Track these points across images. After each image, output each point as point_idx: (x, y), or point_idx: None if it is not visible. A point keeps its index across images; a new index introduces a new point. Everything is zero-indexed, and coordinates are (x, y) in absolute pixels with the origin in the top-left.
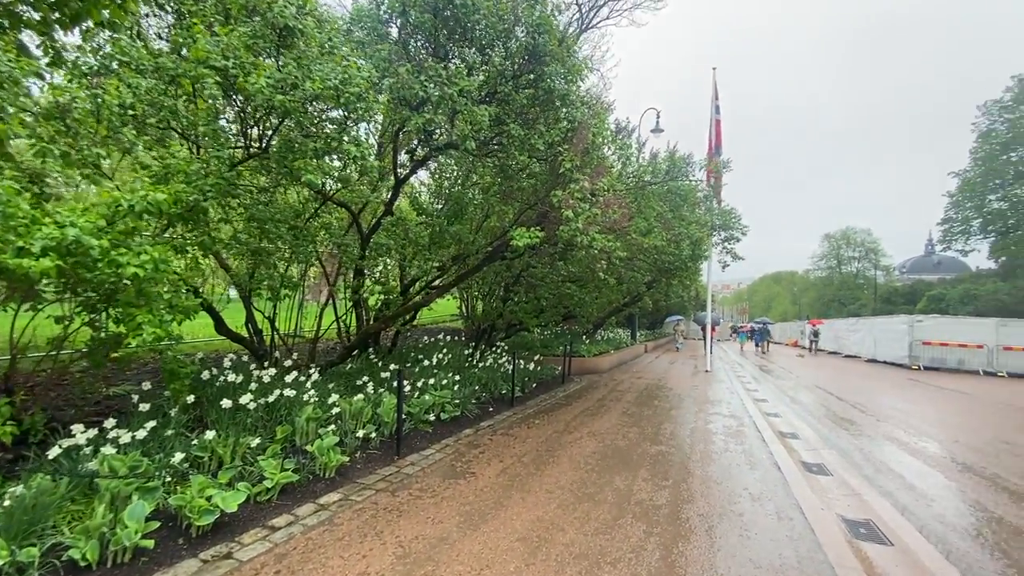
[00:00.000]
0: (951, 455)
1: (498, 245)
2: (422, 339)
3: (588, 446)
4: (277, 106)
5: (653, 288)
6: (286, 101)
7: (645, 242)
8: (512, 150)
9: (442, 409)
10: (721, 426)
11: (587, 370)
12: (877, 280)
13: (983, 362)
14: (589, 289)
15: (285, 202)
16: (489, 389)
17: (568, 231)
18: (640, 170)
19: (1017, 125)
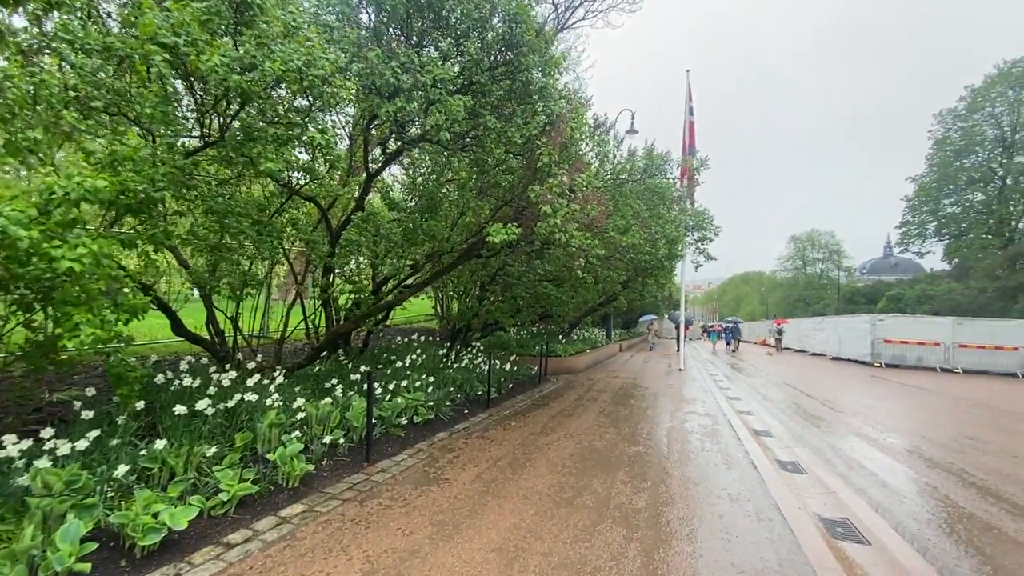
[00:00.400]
0: (918, 451)
1: (474, 242)
2: (395, 339)
3: (565, 448)
4: (233, 87)
5: (629, 288)
6: (243, 82)
7: (623, 240)
8: (488, 143)
9: (415, 412)
10: (697, 425)
11: (563, 370)
12: (840, 281)
13: (940, 359)
14: (566, 288)
15: (249, 196)
16: (464, 390)
17: (546, 227)
18: (618, 167)
19: (969, 133)
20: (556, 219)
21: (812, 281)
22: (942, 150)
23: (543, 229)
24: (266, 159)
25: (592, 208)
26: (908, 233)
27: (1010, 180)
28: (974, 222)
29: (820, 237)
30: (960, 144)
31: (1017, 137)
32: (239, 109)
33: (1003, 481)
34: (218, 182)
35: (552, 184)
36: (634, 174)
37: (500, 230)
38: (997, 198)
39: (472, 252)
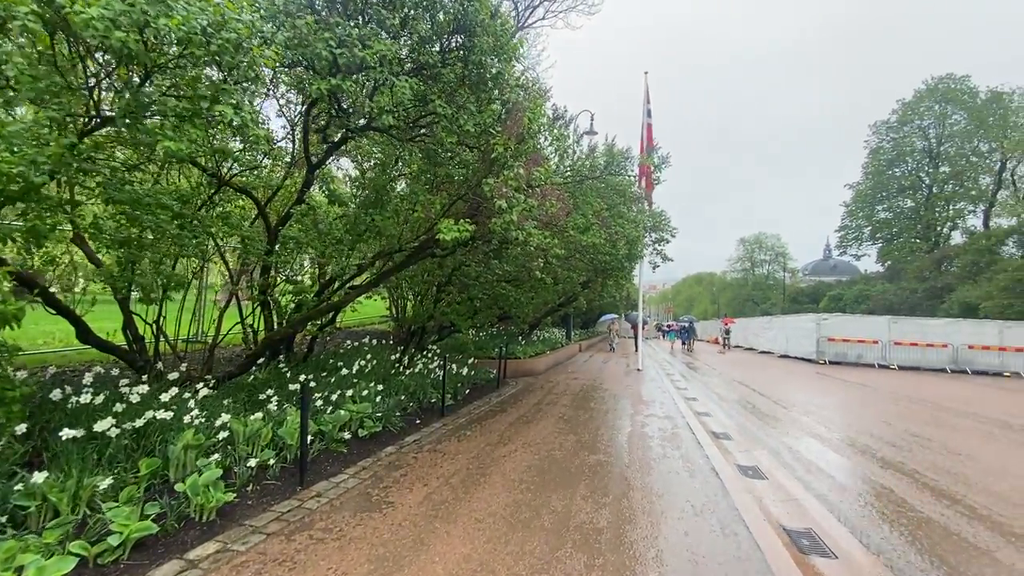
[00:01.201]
0: (870, 451)
1: (425, 240)
2: (345, 343)
3: (523, 459)
4: (116, 48)
5: (588, 288)
6: (128, 42)
7: (583, 240)
8: (439, 132)
9: (360, 424)
10: (657, 429)
11: (523, 372)
12: (785, 281)
13: (878, 356)
14: (525, 289)
15: (175, 186)
16: (417, 398)
17: (501, 224)
18: (578, 163)
19: (900, 144)
20: (512, 215)
21: (760, 282)
22: (876, 159)
23: (498, 226)
24: (164, 137)
25: (551, 205)
26: (846, 237)
27: (936, 188)
28: (904, 227)
29: (767, 240)
30: (892, 154)
31: (942, 148)
32: (141, 83)
33: (952, 481)
34: (127, 168)
35: (508, 177)
36: (595, 171)
37: (452, 227)
38: (924, 205)
39: (424, 251)
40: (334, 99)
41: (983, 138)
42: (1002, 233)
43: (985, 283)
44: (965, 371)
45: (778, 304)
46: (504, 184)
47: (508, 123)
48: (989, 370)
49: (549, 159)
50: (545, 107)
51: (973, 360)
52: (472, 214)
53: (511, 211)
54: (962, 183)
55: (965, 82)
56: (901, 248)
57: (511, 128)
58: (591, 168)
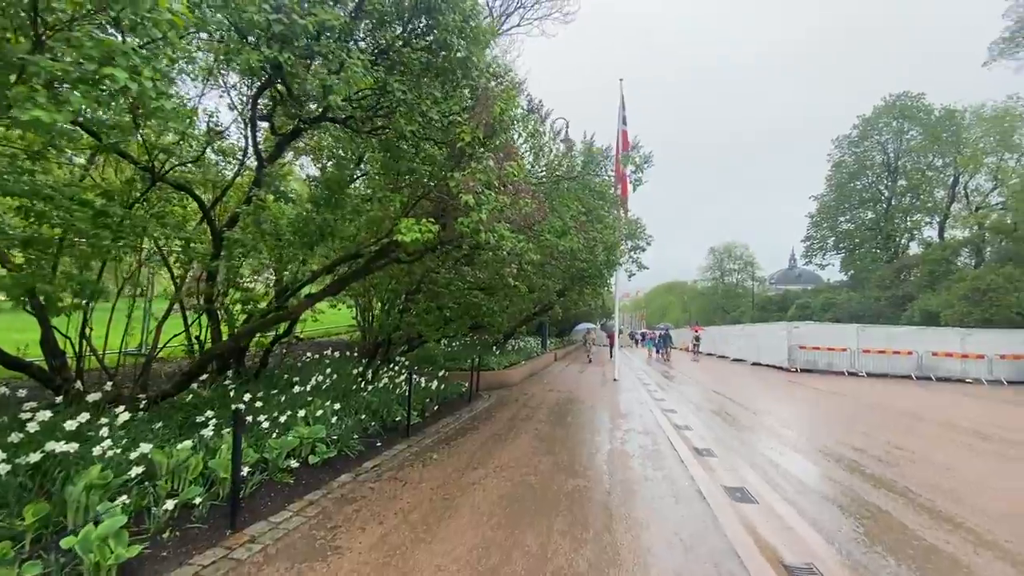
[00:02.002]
0: (859, 468)
1: (387, 243)
2: (306, 356)
3: (494, 487)
4: None
5: (565, 297)
6: None
7: (560, 245)
8: (398, 120)
9: (312, 450)
10: (637, 446)
11: (497, 384)
12: (754, 290)
13: (847, 364)
14: (499, 298)
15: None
16: (380, 417)
17: (469, 224)
18: (554, 162)
19: (861, 158)
20: (481, 214)
21: (729, 290)
22: (839, 172)
23: (465, 226)
24: (35, 106)
25: (525, 204)
26: (812, 246)
27: (894, 201)
28: (866, 237)
29: (736, 249)
30: (853, 167)
31: (900, 163)
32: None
33: (948, 501)
34: (29, 156)
35: (475, 170)
36: (572, 170)
37: (412, 227)
38: (884, 216)
39: (385, 255)
40: (284, 86)
41: (937, 153)
42: (957, 244)
43: (944, 292)
44: (930, 377)
45: (747, 312)
46: (471, 178)
47: (477, 111)
48: (952, 376)
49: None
50: (519, 100)
51: (937, 367)
52: (439, 215)
53: (480, 209)
54: (919, 196)
55: (920, 100)
56: (863, 258)
57: (480, 116)
58: (569, 168)
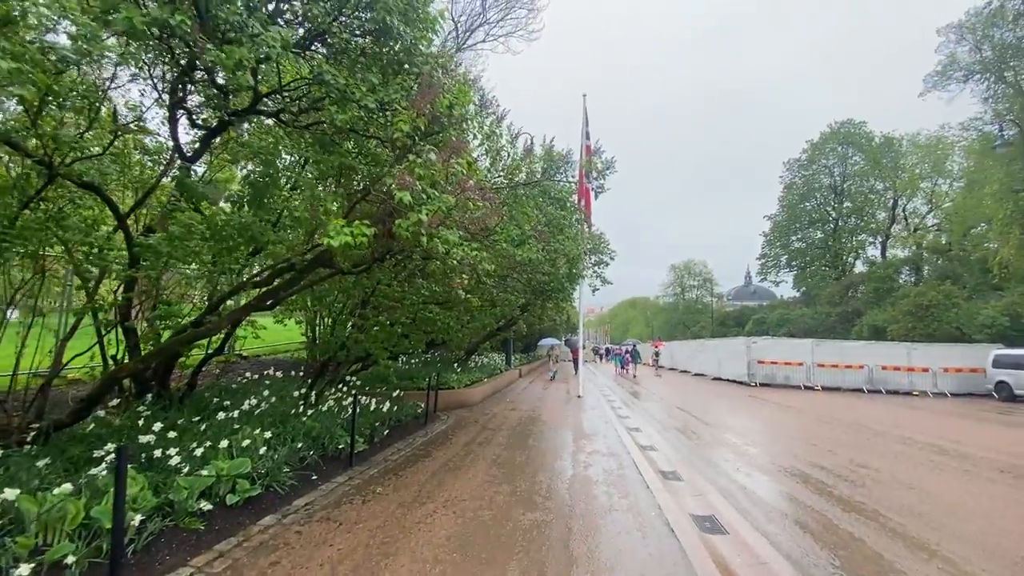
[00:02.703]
0: (827, 489)
1: (324, 251)
2: (245, 376)
3: (443, 526)
4: None
5: (528, 312)
6: None
7: (518, 254)
8: (329, 107)
9: (232, 488)
10: (601, 470)
11: (457, 403)
12: (713, 306)
13: (803, 378)
14: (457, 312)
15: None
16: (321, 444)
17: (407, 227)
18: (511, 165)
19: (810, 181)
20: (421, 215)
21: (690, 306)
22: (790, 194)
23: (404, 229)
24: None
25: (476, 207)
26: (766, 264)
27: (841, 222)
28: (815, 256)
29: (696, 266)
30: (803, 189)
31: (845, 185)
32: None
33: (920, 525)
34: None
35: (413, 163)
36: (532, 175)
37: (342, 230)
38: (832, 236)
39: (322, 264)
40: (205, 72)
41: (878, 177)
42: (898, 262)
43: (889, 307)
44: (880, 391)
45: (707, 328)
46: (408, 172)
47: (418, 98)
48: (900, 389)
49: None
50: (472, 95)
51: (886, 380)
52: (383, 219)
53: (419, 209)
54: (863, 217)
55: (862, 127)
56: (814, 275)
57: (421, 104)
58: (529, 172)
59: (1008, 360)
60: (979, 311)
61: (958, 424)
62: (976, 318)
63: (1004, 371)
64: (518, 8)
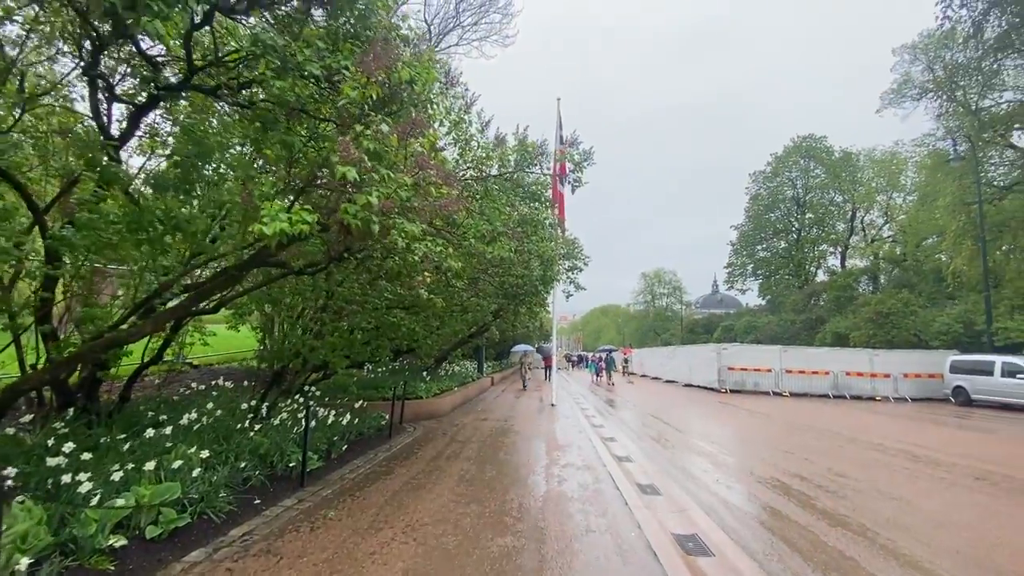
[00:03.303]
0: (810, 501)
1: (266, 246)
2: (191, 387)
3: (400, 558)
4: None
5: (501, 318)
6: None
7: (488, 252)
8: (264, 70)
9: (155, 519)
10: (576, 485)
11: (425, 414)
12: (682, 314)
13: (772, 384)
14: (424, 318)
15: None
16: (270, 463)
17: (354, 213)
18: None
19: (774, 192)
20: (371, 197)
21: (660, 313)
22: (756, 205)
23: (351, 215)
24: None
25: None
26: (733, 273)
27: (803, 232)
28: (780, 265)
29: (665, 275)
30: (768, 201)
31: (807, 197)
32: None
33: (908, 539)
34: None
35: (361, 134)
36: (505, 165)
37: (278, 215)
38: (795, 246)
39: (263, 261)
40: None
41: (837, 190)
42: (858, 272)
43: (851, 315)
44: (844, 396)
45: (677, 335)
46: (355, 144)
47: (372, 64)
48: (863, 394)
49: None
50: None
51: (851, 386)
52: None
53: (369, 191)
54: (823, 228)
55: (823, 141)
56: (778, 284)
57: (371, 67)
58: (502, 162)
59: (964, 366)
60: (935, 318)
61: (923, 429)
62: (932, 325)
63: (961, 376)
64: (492, 12)
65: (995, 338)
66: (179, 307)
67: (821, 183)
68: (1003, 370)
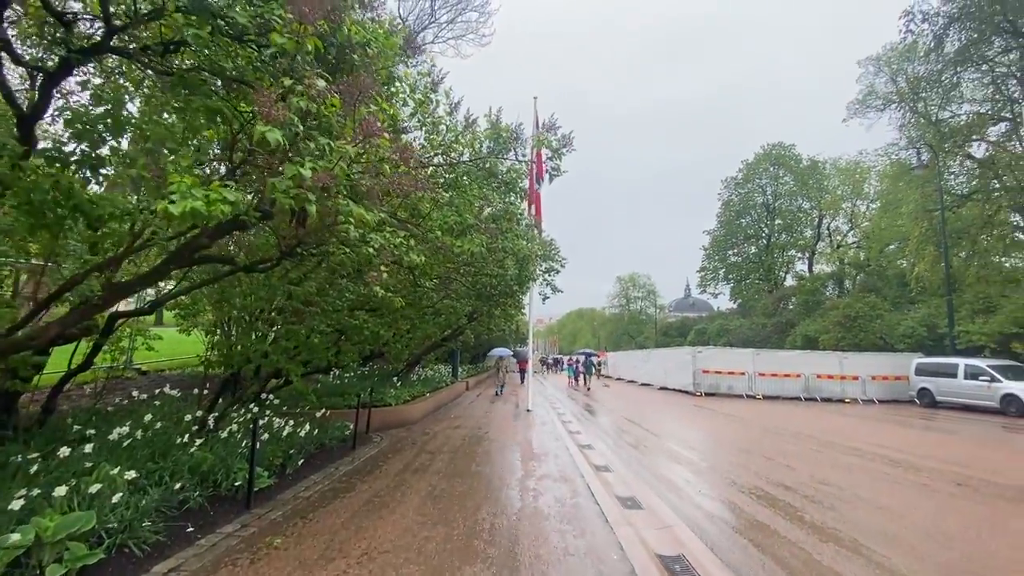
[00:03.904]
0: (796, 512)
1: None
2: (131, 396)
3: None
4: None
5: (475, 321)
6: None
7: (457, 246)
8: (177, 17)
9: (60, 555)
10: (553, 499)
11: (395, 422)
12: (656, 317)
13: (745, 387)
14: (389, 320)
15: None
16: (214, 481)
17: (284, 188)
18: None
19: (745, 198)
20: (303, 168)
21: (635, 317)
22: (728, 210)
23: (279, 191)
24: None
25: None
26: (705, 277)
27: (773, 238)
28: (750, 269)
29: (640, 279)
30: (739, 207)
31: (777, 204)
32: None
33: (904, 555)
34: None
35: (292, 90)
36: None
37: (189, 191)
38: (765, 251)
39: (192, 253)
40: None
41: (805, 197)
42: (825, 277)
43: (820, 318)
44: (815, 398)
45: (651, 338)
46: (283, 104)
47: (309, 10)
48: (833, 397)
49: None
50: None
51: (821, 388)
52: None
53: (301, 161)
54: (792, 234)
55: (791, 150)
56: (749, 288)
57: (311, 15)
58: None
59: (929, 368)
60: (899, 322)
61: (895, 432)
62: (897, 328)
63: (926, 378)
64: (469, 11)
65: (957, 341)
66: (90, 307)
67: (790, 190)
68: (966, 372)
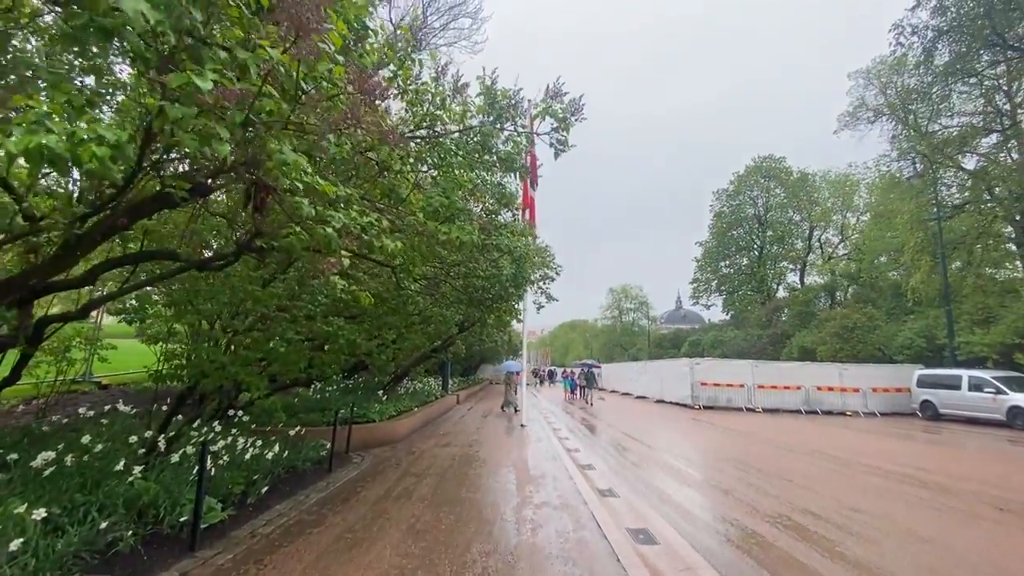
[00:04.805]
0: (837, 548)
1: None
2: (76, 413)
3: None
4: None
5: (467, 331)
6: None
7: (442, 233)
8: None
9: None
10: (554, 532)
11: (378, 440)
12: (648, 329)
13: (745, 400)
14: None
15: None
16: (156, 516)
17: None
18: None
19: (737, 210)
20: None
21: (627, 329)
22: (720, 222)
23: (169, 117)
24: None
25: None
26: (697, 288)
27: (765, 249)
28: (742, 281)
29: (632, 290)
30: (731, 218)
31: (768, 216)
32: None
33: None
34: None
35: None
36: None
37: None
38: (757, 262)
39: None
40: None
41: (796, 209)
42: (817, 288)
43: (816, 329)
44: (816, 411)
45: (644, 350)
46: None
47: None
48: (834, 409)
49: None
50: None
51: (822, 400)
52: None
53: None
54: (783, 246)
55: (782, 162)
56: (741, 299)
57: None
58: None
59: (931, 380)
60: (897, 333)
61: (907, 447)
62: (895, 339)
63: (928, 390)
64: (461, 17)
65: (957, 352)
66: None
67: (780, 202)
68: (970, 384)
